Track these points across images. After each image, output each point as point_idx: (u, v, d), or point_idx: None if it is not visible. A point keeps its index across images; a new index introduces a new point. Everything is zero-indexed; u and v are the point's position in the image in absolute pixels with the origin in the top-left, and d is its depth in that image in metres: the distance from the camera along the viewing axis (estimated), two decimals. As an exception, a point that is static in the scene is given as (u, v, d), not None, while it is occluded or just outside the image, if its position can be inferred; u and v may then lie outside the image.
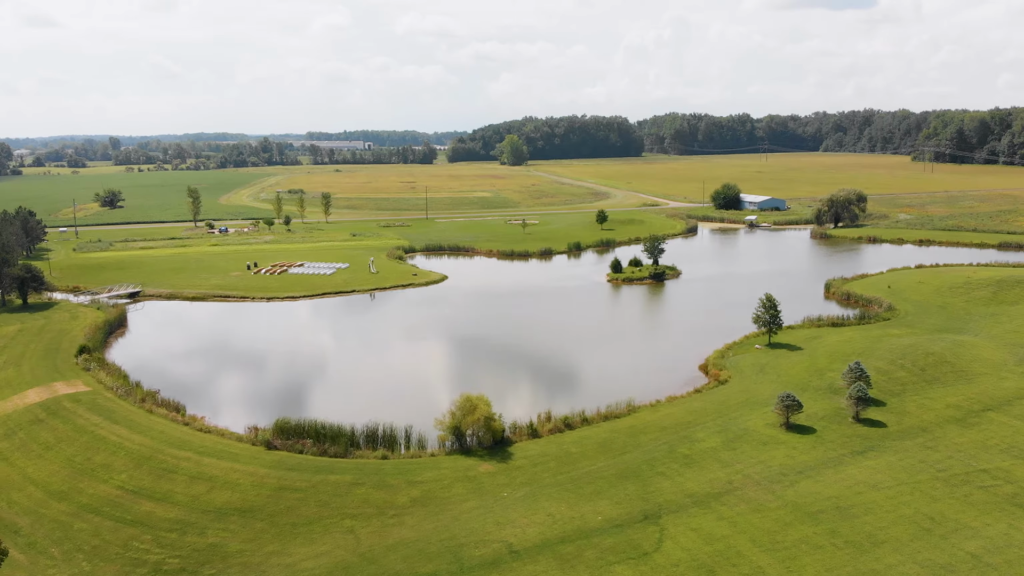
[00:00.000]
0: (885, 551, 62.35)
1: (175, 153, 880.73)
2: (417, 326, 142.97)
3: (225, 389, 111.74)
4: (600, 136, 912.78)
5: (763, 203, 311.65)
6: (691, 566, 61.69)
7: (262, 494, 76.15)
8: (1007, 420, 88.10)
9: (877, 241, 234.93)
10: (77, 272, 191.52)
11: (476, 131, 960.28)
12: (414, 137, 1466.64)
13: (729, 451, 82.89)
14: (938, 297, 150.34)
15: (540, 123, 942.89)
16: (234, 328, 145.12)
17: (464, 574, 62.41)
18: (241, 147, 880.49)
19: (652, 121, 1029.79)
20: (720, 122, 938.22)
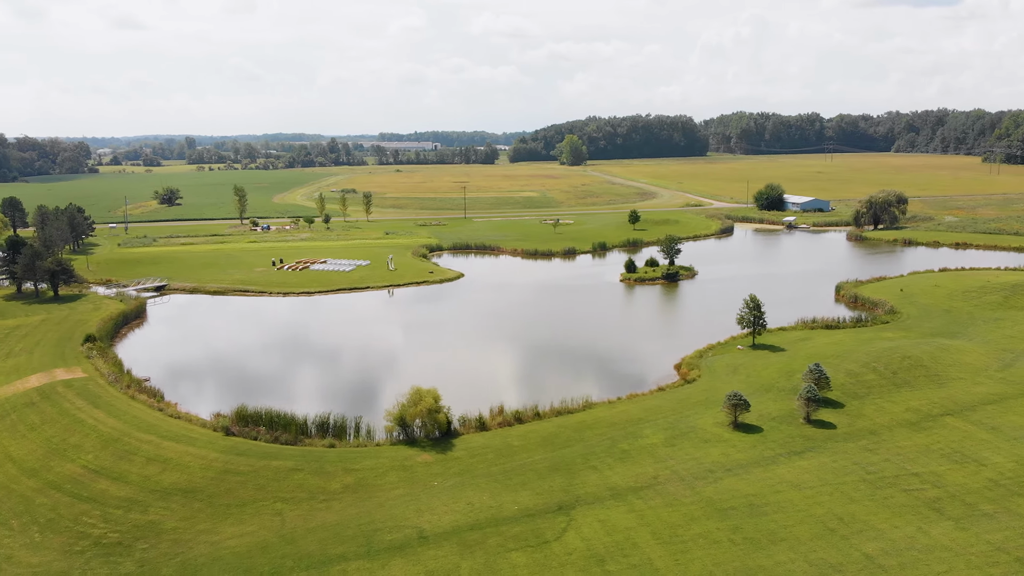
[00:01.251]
0: (780, 549, 62.93)
1: (245, 153, 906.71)
2: (413, 321, 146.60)
3: (211, 377, 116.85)
4: (664, 136, 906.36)
5: (806, 204, 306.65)
6: (584, 555, 63.33)
7: (207, 476, 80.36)
8: (962, 425, 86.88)
9: (912, 244, 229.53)
10: (114, 266, 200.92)
11: (538, 131, 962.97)
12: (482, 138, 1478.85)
13: (668, 448, 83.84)
14: (947, 301, 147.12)
15: (603, 123, 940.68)
16: (240, 321, 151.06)
17: (370, 556, 65.21)
18: (310, 147, 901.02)
19: (719, 120, 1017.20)
20: (788, 121, 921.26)
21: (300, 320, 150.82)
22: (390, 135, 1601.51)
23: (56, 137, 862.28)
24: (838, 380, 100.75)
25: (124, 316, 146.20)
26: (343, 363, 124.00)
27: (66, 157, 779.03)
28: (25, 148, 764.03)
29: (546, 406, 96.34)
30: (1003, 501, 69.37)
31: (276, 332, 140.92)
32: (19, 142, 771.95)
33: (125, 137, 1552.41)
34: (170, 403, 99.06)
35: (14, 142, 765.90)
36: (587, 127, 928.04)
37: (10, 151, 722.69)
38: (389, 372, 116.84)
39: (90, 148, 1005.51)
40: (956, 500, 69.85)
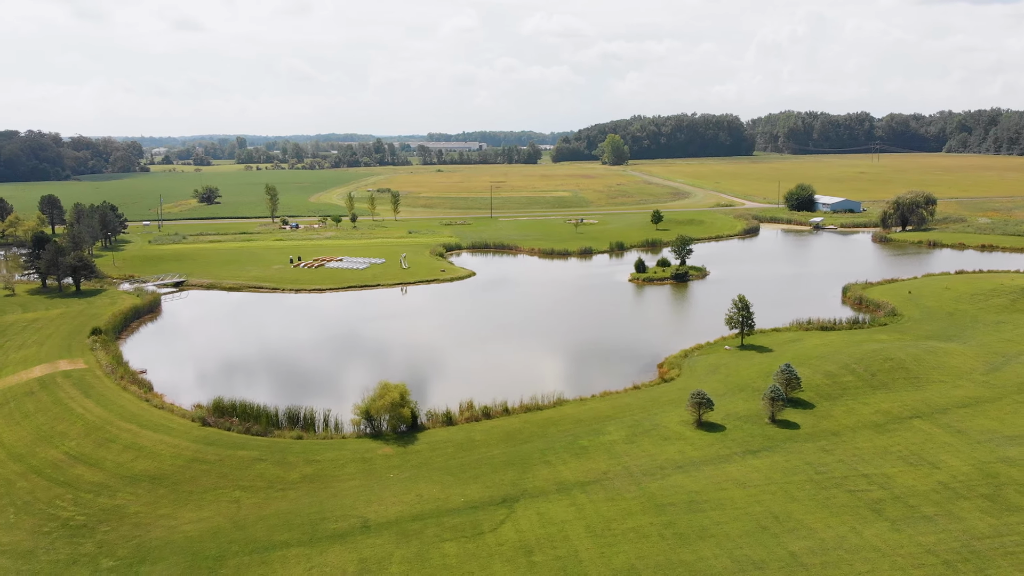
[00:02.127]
0: (707, 545, 63.64)
1: (293, 153, 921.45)
2: (413, 318, 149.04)
3: (205, 370, 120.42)
4: (709, 135, 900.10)
5: (836, 205, 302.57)
6: (514, 546, 64.78)
7: (176, 464, 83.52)
8: (928, 428, 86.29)
9: (937, 245, 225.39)
10: (139, 262, 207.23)
11: (581, 131, 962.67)
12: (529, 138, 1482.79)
13: (627, 444, 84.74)
14: (953, 304, 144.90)
15: (647, 122, 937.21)
16: (246, 316, 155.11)
17: (312, 543, 67.50)
18: (355, 148, 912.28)
19: (766, 119, 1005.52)
20: (837, 121, 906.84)
21: (302, 315, 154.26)
22: (438, 135, 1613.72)
23: (109, 137, 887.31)
24: (814, 381, 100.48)
25: (136, 311, 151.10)
26: (332, 357, 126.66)
27: (118, 156, 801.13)
28: (79, 147, 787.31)
29: (521, 402, 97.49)
30: (947, 504, 69.06)
31: (277, 327, 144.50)
32: (73, 141, 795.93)
33: (182, 137, 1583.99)
34: (157, 394, 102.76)
35: (69, 141, 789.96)
36: (631, 126, 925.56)
37: (65, 150, 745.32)
38: (375, 367, 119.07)
39: (143, 147, 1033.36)
40: (899, 502, 69.71)
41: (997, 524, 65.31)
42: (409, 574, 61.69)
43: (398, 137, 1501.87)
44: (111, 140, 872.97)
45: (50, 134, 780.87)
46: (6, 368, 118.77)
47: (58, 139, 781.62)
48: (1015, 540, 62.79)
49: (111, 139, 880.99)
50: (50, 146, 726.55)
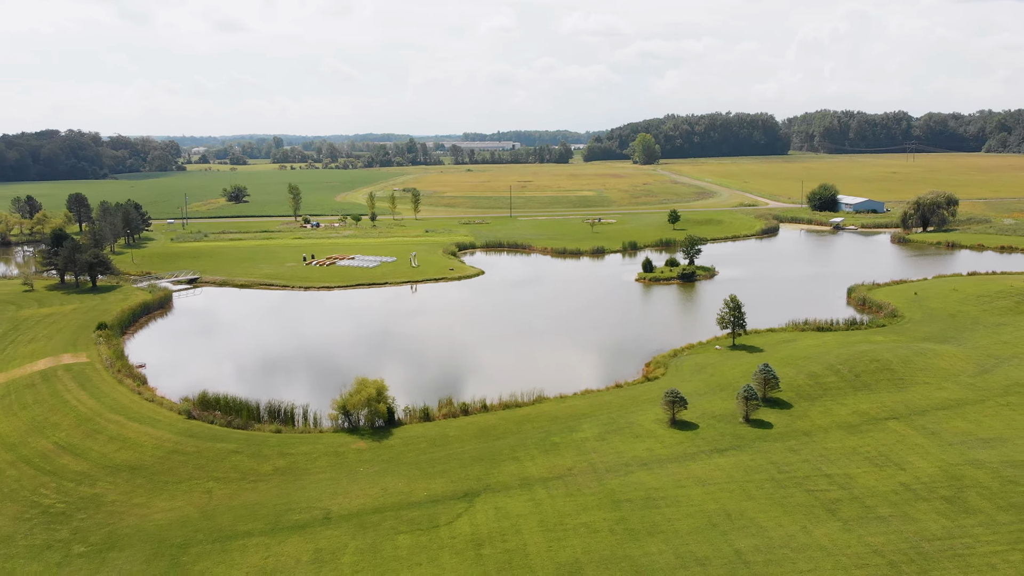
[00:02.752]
0: (654, 540, 64.29)
1: (327, 152, 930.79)
2: (411, 315, 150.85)
3: (202, 363, 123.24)
4: (743, 134, 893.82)
5: (859, 205, 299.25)
6: (466, 540, 65.99)
7: (156, 455, 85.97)
8: (902, 429, 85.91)
9: (956, 247, 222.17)
10: (157, 259, 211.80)
11: (613, 130, 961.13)
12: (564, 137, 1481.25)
13: (598, 442, 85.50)
14: (958, 306, 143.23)
15: (680, 121, 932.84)
16: (252, 312, 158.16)
17: (272, 533, 69.34)
18: (388, 148, 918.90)
19: (802, 118, 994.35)
20: (873, 120, 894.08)
21: (306, 312, 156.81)
22: (473, 135, 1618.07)
23: (148, 136, 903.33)
24: (797, 382, 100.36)
25: (145, 306, 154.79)
26: (325, 352, 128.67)
27: (156, 155, 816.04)
28: (118, 147, 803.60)
29: (500, 399, 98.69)
30: (904, 505, 68.93)
31: (279, 323, 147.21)
32: (112, 141, 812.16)
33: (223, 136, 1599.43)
34: (149, 387, 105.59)
35: (108, 141, 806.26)
36: (664, 125, 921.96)
37: (103, 149, 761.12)
38: (364, 362, 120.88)
39: (180, 147, 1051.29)
40: (856, 503, 69.72)
41: (951, 526, 65.12)
42: (359, 564, 63.15)
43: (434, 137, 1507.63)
44: (149, 139, 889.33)
45: (89, 133, 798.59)
46: (14, 361, 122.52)
47: (97, 138, 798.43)
48: (966, 543, 62.59)
49: (149, 138, 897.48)
50: (89, 145, 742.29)
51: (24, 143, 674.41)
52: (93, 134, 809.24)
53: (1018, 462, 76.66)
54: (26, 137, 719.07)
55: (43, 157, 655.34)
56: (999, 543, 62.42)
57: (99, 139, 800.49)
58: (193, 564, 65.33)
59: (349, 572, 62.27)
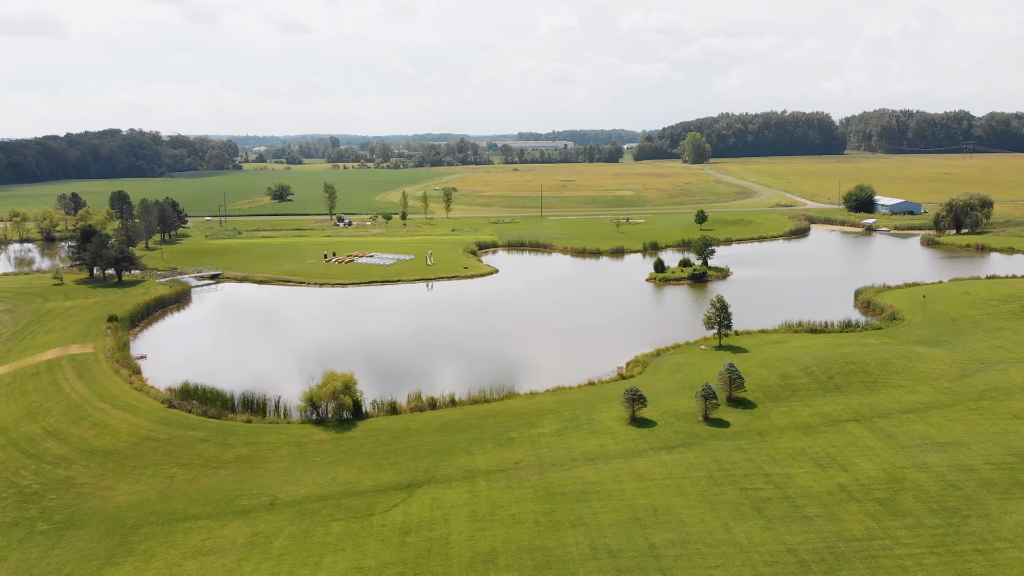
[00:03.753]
0: (574, 532, 65.70)
1: (379, 152, 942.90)
2: (413, 312, 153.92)
3: (201, 354, 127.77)
4: (798, 133, 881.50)
5: (895, 206, 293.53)
6: (395, 528, 68.28)
7: (130, 442, 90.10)
8: (859, 431, 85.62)
9: (985, 249, 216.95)
10: (186, 256, 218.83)
11: (665, 129, 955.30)
12: (620, 136, 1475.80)
13: (554, 437, 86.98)
14: (963, 309, 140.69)
15: (733, 119, 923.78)
16: (262, 306, 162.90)
17: (217, 517, 72.58)
18: (439, 147, 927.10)
19: (860, 118, 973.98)
20: (932, 119, 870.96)
21: (313, 307, 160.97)
22: (528, 134, 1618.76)
23: (206, 135, 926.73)
24: (768, 382, 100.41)
25: (161, 301, 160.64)
26: (319, 346, 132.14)
27: (213, 154, 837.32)
28: (177, 145, 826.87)
29: (468, 394, 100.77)
30: (834, 506, 69.09)
31: (284, 318, 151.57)
32: (171, 140, 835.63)
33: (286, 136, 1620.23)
34: (142, 377, 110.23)
35: (167, 140, 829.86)
36: (717, 124, 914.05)
37: (163, 148, 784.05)
38: (352, 356, 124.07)
39: (239, 146, 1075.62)
40: (786, 502, 70.09)
41: (875, 528, 65.19)
42: (287, 548, 65.90)
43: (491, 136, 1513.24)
44: (207, 139, 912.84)
45: (149, 133, 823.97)
46: (27, 350, 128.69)
47: (157, 137, 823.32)
48: (884, 544, 62.69)
49: (207, 138, 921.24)
50: (148, 144, 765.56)
51: (86, 142, 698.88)
52: (153, 133, 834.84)
53: (966, 466, 76.03)
54: (89, 136, 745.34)
55: (103, 155, 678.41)
56: (918, 546, 62.38)
57: (159, 138, 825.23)
58: (139, 543, 68.81)
59: (276, 555, 65.02)
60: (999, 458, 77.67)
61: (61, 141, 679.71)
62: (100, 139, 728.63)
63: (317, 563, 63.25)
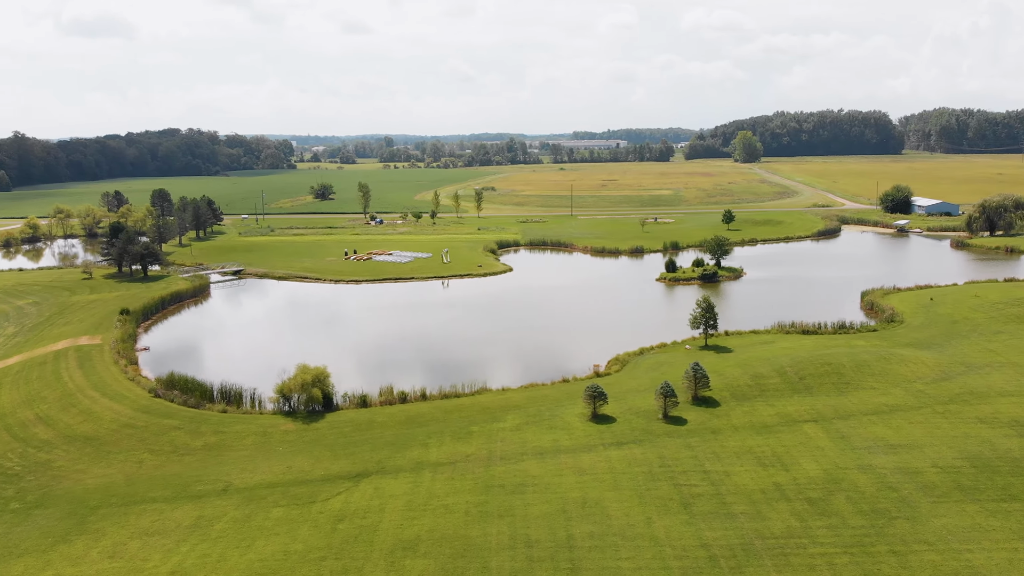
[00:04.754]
0: (500, 523, 67.36)
1: (430, 152, 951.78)
2: (416, 308, 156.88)
3: (201, 346, 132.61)
4: (854, 132, 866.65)
5: (932, 207, 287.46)
6: (330, 515, 70.83)
7: (110, 428, 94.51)
8: (813, 432, 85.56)
9: (1015, 252, 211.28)
10: (215, 252, 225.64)
11: (718, 127, 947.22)
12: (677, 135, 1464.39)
13: (512, 432, 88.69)
14: (967, 312, 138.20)
15: (788, 118, 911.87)
16: (273, 301, 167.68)
17: (172, 500, 76.13)
18: (488, 147, 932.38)
19: (919, 117, 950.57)
20: (994, 119, 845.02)
21: (322, 303, 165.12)
22: (584, 134, 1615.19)
23: (262, 135, 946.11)
24: (738, 382, 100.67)
25: (178, 295, 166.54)
26: (315, 340, 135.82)
27: (269, 154, 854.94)
28: (233, 145, 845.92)
29: (440, 389, 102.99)
30: (762, 504, 69.54)
31: (291, 312, 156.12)
32: (228, 139, 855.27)
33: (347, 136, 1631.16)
34: (137, 368, 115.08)
35: (224, 139, 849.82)
36: (771, 123, 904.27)
37: (220, 148, 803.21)
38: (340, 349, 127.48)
39: (296, 145, 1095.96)
40: (715, 499, 70.73)
41: (797, 527, 65.57)
42: (225, 531, 68.98)
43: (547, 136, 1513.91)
44: (263, 138, 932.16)
45: (207, 132, 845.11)
46: (42, 341, 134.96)
47: (214, 137, 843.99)
48: (800, 543, 63.06)
49: (263, 137, 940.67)
50: (205, 144, 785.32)
51: (144, 141, 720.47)
52: (211, 133, 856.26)
53: (911, 469, 75.66)
54: (148, 135, 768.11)
55: (161, 154, 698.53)
56: (834, 546, 62.63)
57: (216, 138, 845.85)
58: (95, 523, 72.66)
59: (214, 537, 68.12)
60: (948, 462, 77.02)
61: (120, 140, 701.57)
62: (158, 138, 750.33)
63: (249, 546, 66.08)
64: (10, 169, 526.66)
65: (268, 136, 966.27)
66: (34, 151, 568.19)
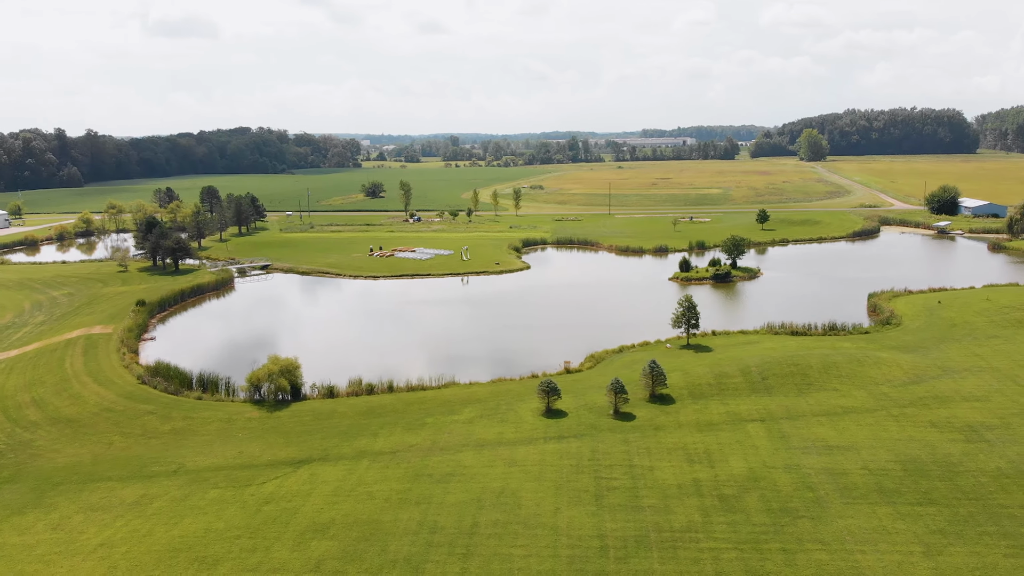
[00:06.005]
0: (415, 510, 69.98)
1: (491, 151, 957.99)
2: (419, 305, 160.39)
3: (204, 335, 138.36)
4: (927, 131, 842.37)
5: (978, 208, 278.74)
6: (260, 497, 74.48)
7: (92, 412, 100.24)
8: (756, 431, 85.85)
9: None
10: (249, 247, 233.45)
11: (785, 125, 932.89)
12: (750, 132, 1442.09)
13: (464, 424, 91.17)
14: (970, 316, 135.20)
15: (858, 116, 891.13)
16: (292, 295, 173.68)
17: (125, 479, 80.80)
18: (549, 145, 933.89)
19: (996, 115, 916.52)
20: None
21: (334, 297, 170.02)
22: (653, 131, 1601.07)
23: (330, 134, 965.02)
24: (701, 380, 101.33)
25: (198, 288, 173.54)
26: (312, 333, 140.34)
27: (336, 152, 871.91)
28: (302, 144, 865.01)
29: (407, 382, 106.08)
30: (672, 499, 70.51)
31: (299, 305, 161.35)
32: (296, 138, 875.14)
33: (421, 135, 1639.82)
34: (133, 355, 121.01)
35: (293, 138, 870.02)
36: (840, 121, 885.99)
37: (288, 146, 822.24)
38: (331, 343, 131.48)
39: (364, 144, 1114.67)
40: (629, 492, 72.02)
41: (698, 521, 66.54)
42: (161, 508, 73.21)
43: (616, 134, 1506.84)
44: (331, 137, 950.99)
45: (276, 131, 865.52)
46: (62, 330, 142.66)
47: (283, 136, 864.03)
48: (694, 537, 64.08)
49: (331, 136, 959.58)
50: (273, 142, 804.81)
51: (214, 139, 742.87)
52: (280, 132, 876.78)
53: (839, 471, 75.66)
54: (219, 134, 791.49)
55: (229, 152, 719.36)
56: (728, 541, 63.49)
57: (285, 136, 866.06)
58: (51, 498, 77.76)
59: (149, 514, 72.39)
60: (880, 464, 76.73)
61: (191, 138, 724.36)
62: (228, 137, 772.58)
63: (177, 523, 70.11)
64: (83, 166, 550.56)
65: (344, 135, 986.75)
66: (106, 149, 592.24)
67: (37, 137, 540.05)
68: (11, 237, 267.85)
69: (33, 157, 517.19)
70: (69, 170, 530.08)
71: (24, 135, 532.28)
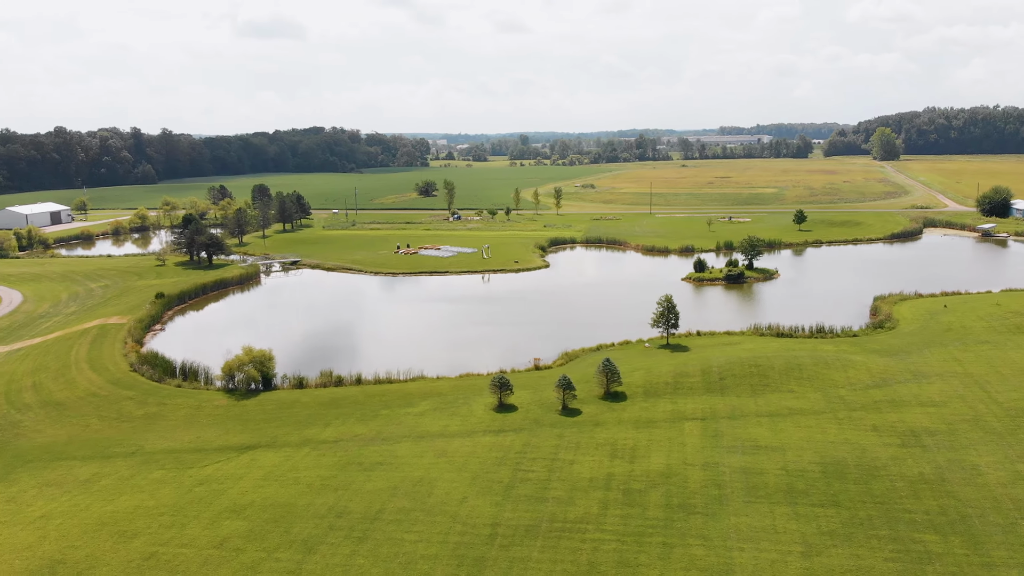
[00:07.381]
0: (332, 495, 73.43)
1: (558, 149, 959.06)
2: (424, 303, 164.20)
3: (208, 327, 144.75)
4: (1009, 130, 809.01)
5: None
6: (195, 478, 78.96)
7: (79, 396, 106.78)
8: (690, 429, 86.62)
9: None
10: (285, 243, 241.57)
11: (860, 123, 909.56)
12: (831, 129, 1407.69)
13: (415, 416, 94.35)
14: (970, 321, 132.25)
15: (936, 114, 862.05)
16: (310, 289, 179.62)
17: (87, 459, 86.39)
18: (616, 144, 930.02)
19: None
20: None
21: (348, 292, 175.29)
22: (730, 128, 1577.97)
23: (400, 134, 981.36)
24: (658, 379, 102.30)
25: (221, 282, 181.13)
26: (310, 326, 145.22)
27: (404, 152, 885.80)
28: (372, 143, 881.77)
29: (375, 375, 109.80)
30: (579, 492, 72.20)
31: (311, 299, 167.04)
32: (368, 138, 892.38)
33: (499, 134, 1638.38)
34: (135, 345, 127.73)
35: (364, 138, 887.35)
36: (918, 119, 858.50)
37: (358, 146, 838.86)
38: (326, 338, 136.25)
39: (437, 143, 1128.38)
40: (540, 484, 74.06)
41: (594, 514, 68.19)
42: (105, 486, 78.39)
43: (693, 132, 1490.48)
44: (400, 137, 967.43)
45: (348, 131, 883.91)
46: (85, 320, 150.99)
47: (355, 136, 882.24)
48: (582, 528, 65.80)
49: (401, 136, 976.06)
50: (344, 142, 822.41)
51: (286, 139, 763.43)
52: (352, 132, 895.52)
53: (756, 470, 76.21)
54: (292, 133, 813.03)
55: (300, 151, 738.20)
56: (614, 533, 65.09)
57: (356, 136, 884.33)
58: (17, 474, 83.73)
59: (94, 491, 77.63)
60: (802, 466, 76.99)
61: (263, 137, 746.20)
62: (300, 136, 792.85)
63: (113, 500, 75.09)
64: (157, 164, 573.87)
65: (423, 135, 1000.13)
66: (180, 147, 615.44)
67: (114, 136, 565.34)
68: (69, 231, 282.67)
69: (110, 155, 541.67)
70: (144, 167, 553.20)
71: (101, 133, 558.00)
